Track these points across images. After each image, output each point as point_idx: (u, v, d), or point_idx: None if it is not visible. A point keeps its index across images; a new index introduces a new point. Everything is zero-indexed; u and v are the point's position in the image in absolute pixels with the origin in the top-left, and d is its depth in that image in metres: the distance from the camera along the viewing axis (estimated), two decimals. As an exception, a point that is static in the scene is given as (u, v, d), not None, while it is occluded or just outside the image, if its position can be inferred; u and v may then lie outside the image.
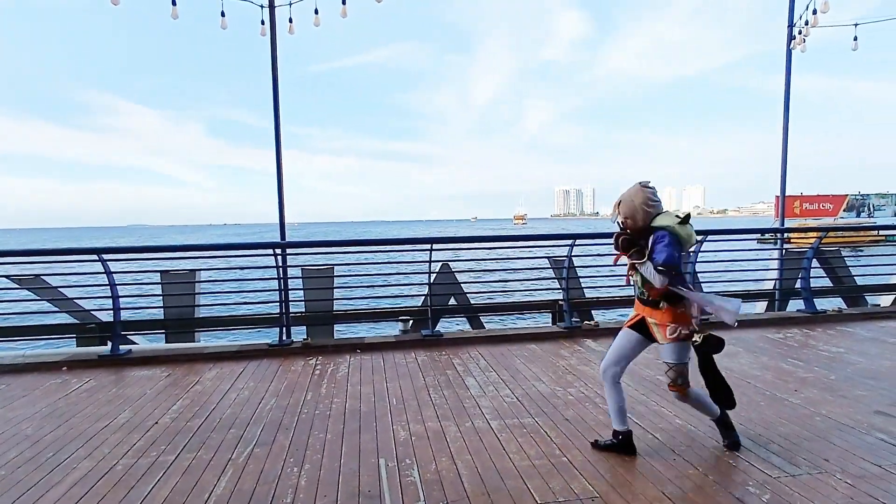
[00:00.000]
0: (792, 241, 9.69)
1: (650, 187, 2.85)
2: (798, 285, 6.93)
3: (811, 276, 6.79)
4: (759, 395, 3.88)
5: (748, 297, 7.61)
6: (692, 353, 2.91)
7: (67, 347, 5.87)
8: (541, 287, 6.73)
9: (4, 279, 5.57)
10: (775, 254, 7.91)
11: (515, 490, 2.63)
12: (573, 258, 6.26)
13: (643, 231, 2.83)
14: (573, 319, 6.17)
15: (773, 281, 7.38)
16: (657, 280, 2.69)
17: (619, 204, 2.86)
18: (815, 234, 7.44)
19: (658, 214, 2.82)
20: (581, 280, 6.75)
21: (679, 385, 2.90)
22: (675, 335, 2.81)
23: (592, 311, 6.82)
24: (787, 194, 7.93)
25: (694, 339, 2.83)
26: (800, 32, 7.39)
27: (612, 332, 5.95)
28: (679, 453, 2.98)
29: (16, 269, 5.83)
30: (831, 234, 10.30)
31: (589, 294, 6.98)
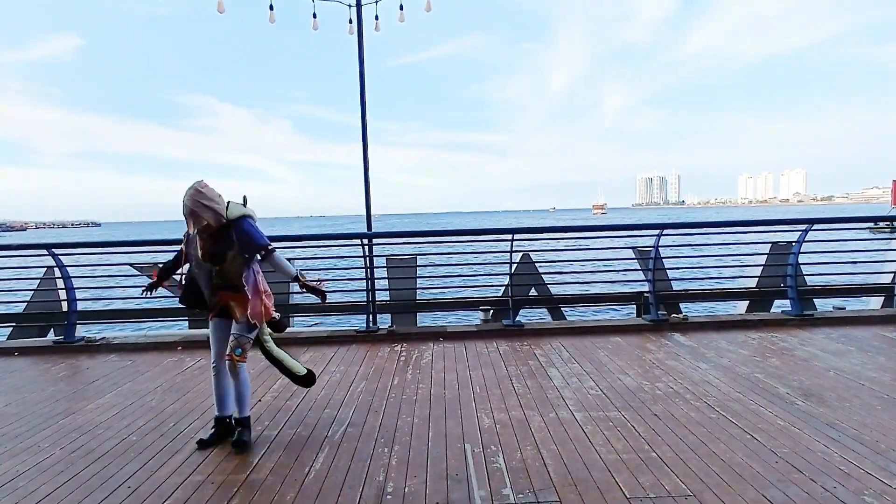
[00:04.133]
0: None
1: (208, 185, 3.02)
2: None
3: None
4: (875, 399, 3.55)
5: (860, 291, 6.95)
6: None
7: (181, 329, 6.50)
8: (624, 279, 6.52)
9: (128, 266, 6.25)
10: (894, 244, 7.15)
11: (603, 483, 2.61)
12: (659, 248, 6.01)
13: (224, 227, 3.05)
14: (660, 312, 5.94)
15: (892, 274, 6.68)
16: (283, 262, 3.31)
17: (192, 213, 2.94)
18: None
19: (228, 205, 3.09)
20: (668, 272, 6.47)
21: (239, 356, 3.14)
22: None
23: (680, 305, 6.52)
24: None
25: (273, 316, 3.30)
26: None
27: (703, 326, 5.69)
28: (781, 455, 2.81)
29: (137, 258, 6.48)
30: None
31: (676, 286, 6.68)
